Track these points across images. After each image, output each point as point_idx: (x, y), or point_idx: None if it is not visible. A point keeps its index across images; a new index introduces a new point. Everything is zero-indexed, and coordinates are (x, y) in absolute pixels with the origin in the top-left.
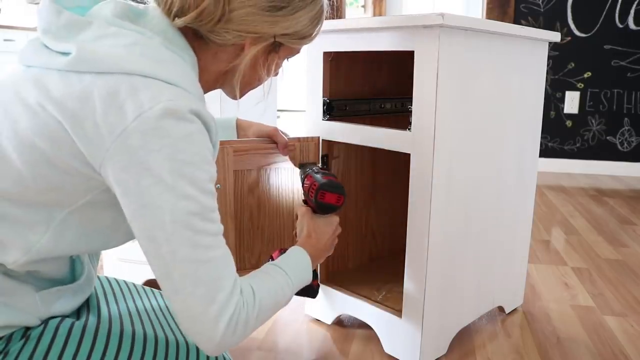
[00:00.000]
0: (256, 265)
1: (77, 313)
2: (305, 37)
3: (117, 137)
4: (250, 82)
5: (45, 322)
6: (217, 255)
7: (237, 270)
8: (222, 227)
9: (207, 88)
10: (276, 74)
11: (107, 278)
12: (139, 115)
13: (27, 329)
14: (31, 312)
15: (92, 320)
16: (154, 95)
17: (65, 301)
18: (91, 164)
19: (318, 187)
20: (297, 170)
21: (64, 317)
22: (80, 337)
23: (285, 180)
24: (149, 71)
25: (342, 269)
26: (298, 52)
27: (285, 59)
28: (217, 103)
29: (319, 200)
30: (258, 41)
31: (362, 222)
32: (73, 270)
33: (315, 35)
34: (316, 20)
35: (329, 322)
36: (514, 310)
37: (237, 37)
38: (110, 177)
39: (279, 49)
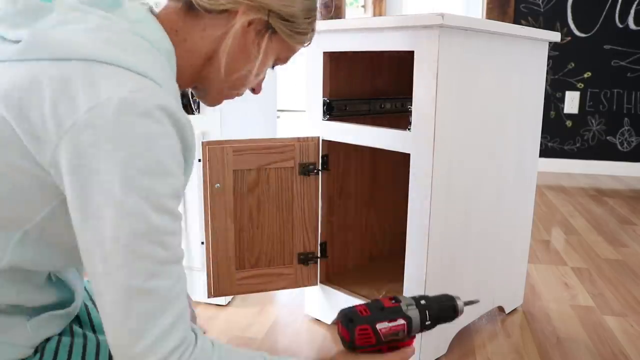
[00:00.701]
0: (255, 265)
1: (69, 327)
2: (299, 31)
3: (65, 132)
4: (237, 66)
5: (41, 348)
6: (160, 286)
7: (237, 269)
8: (179, 254)
9: (191, 77)
10: (261, 70)
11: None
12: (93, 107)
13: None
14: (24, 343)
15: (91, 336)
16: (114, 84)
17: (55, 325)
18: (40, 164)
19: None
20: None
21: (60, 336)
22: (82, 356)
23: (285, 180)
24: (112, 57)
25: (342, 269)
26: (290, 53)
27: (278, 59)
28: (218, 109)
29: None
30: (251, 10)
31: (362, 222)
32: (61, 293)
33: (309, 34)
34: (310, 14)
35: (329, 322)
36: (514, 310)
37: (230, 1)
38: (61, 179)
39: (272, 35)
